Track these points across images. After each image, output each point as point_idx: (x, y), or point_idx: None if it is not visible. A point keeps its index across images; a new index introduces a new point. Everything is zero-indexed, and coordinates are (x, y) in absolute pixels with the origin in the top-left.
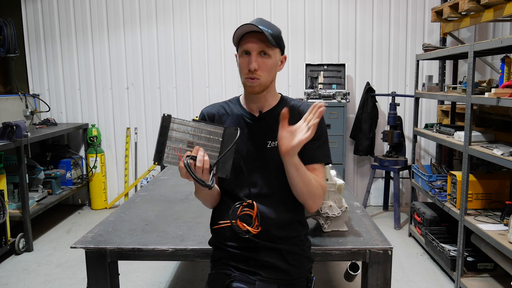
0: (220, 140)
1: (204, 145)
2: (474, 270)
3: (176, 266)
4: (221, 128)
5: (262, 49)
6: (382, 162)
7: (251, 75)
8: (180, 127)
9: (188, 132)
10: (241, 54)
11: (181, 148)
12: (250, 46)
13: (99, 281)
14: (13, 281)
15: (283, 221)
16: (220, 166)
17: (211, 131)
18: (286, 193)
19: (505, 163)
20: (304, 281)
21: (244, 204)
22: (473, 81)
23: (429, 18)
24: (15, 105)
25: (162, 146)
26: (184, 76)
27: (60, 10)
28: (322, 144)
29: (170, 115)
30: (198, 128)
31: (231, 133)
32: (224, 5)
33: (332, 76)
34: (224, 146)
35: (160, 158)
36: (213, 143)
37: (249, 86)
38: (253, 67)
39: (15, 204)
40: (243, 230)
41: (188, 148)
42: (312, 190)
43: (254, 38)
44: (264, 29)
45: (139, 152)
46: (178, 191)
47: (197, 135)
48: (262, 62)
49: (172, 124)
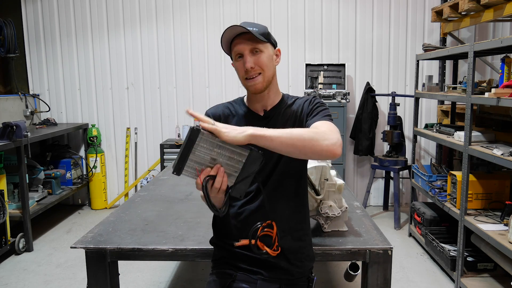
0: (242, 162)
1: (226, 164)
2: (474, 270)
3: (176, 266)
4: (247, 151)
5: (252, 47)
6: (382, 162)
7: (249, 75)
8: (206, 143)
9: (213, 150)
10: (235, 59)
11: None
12: (240, 48)
13: (99, 281)
14: (13, 281)
15: (285, 216)
16: (237, 187)
17: (236, 151)
18: (290, 189)
19: (505, 163)
20: (305, 281)
21: (264, 224)
22: (473, 81)
23: (429, 18)
24: (15, 105)
25: (184, 159)
26: (184, 76)
27: (60, 10)
28: (319, 113)
29: (199, 129)
30: (224, 147)
31: (256, 157)
32: (224, 6)
33: (332, 76)
34: (245, 168)
35: (180, 170)
36: (235, 164)
37: (251, 86)
38: (248, 66)
39: (15, 204)
40: (262, 251)
41: (210, 164)
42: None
43: (242, 39)
44: (249, 28)
45: (139, 152)
46: (178, 191)
47: (221, 153)
48: (256, 59)
49: (199, 139)
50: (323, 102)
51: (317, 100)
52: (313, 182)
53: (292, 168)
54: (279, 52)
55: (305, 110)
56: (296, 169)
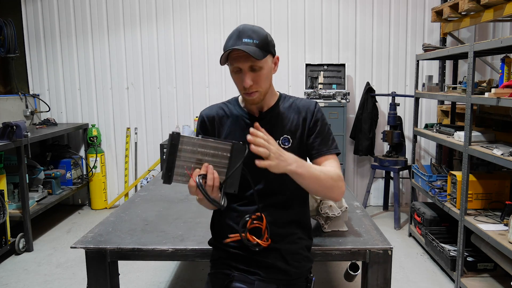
0: (228, 156)
1: (212, 161)
2: (474, 270)
3: (176, 266)
4: (229, 144)
5: (252, 64)
6: (382, 162)
7: (247, 91)
8: (188, 145)
9: (197, 150)
10: (233, 70)
11: (192, 166)
12: (239, 64)
13: (99, 281)
14: (13, 281)
15: (282, 220)
16: (229, 182)
17: (219, 147)
18: (287, 191)
19: (505, 163)
20: (303, 281)
21: (253, 217)
22: (473, 81)
23: (429, 18)
24: (15, 105)
25: (171, 165)
26: (184, 76)
27: (60, 10)
28: (325, 138)
29: (178, 133)
30: (207, 144)
31: (239, 149)
32: (224, 6)
33: (332, 76)
34: (232, 162)
35: (170, 178)
36: (221, 159)
37: (249, 99)
38: (247, 85)
39: (15, 204)
40: (253, 243)
41: (197, 165)
42: (324, 184)
43: (242, 54)
44: (249, 42)
45: (139, 152)
46: (178, 191)
47: (205, 152)
48: (256, 76)
49: (181, 142)
50: (324, 116)
51: (320, 113)
52: None
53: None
54: (277, 60)
55: (308, 122)
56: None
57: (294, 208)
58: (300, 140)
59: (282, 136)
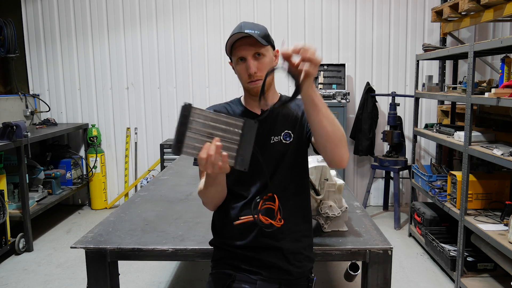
0: (239, 133)
1: (223, 136)
2: (474, 270)
3: (176, 266)
4: (241, 120)
5: (255, 51)
6: (382, 162)
7: (252, 78)
8: (200, 117)
9: (208, 123)
10: (236, 62)
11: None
12: (243, 52)
13: (99, 281)
14: (13, 281)
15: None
16: (239, 160)
17: (231, 123)
18: (289, 188)
19: (505, 163)
20: (305, 281)
21: (265, 197)
22: (473, 81)
23: (429, 18)
24: (15, 105)
25: (182, 136)
26: (184, 76)
27: (60, 10)
28: None
29: (190, 104)
30: (219, 119)
31: (251, 126)
32: (224, 6)
33: (332, 76)
34: (243, 139)
35: (180, 149)
36: (232, 135)
37: (253, 88)
38: (252, 71)
39: (15, 204)
40: (266, 224)
41: (207, 139)
42: (336, 129)
43: (245, 43)
44: (251, 32)
45: (139, 152)
46: (178, 191)
47: (216, 126)
48: (259, 63)
49: (192, 114)
50: None
51: None
52: (313, 182)
53: (293, 169)
54: (277, 53)
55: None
56: (297, 171)
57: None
58: (299, 130)
59: (283, 132)
